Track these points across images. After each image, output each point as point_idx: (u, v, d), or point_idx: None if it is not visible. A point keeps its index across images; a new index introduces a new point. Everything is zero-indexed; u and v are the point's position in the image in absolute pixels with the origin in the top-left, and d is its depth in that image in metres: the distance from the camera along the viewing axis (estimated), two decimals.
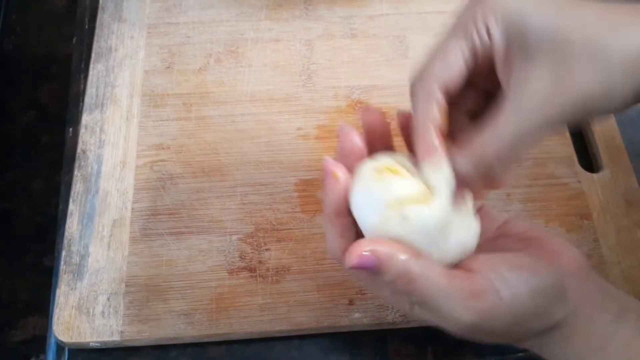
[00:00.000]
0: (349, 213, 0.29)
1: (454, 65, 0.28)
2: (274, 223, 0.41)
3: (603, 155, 0.45)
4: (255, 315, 0.38)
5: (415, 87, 0.29)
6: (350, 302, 0.39)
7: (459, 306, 0.27)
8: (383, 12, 0.51)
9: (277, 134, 0.45)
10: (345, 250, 0.28)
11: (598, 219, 0.42)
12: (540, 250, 0.30)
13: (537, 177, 0.43)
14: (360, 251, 0.27)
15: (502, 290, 0.27)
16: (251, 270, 0.39)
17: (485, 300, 0.27)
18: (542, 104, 0.26)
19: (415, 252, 0.28)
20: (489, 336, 0.29)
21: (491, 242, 0.31)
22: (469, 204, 0.30)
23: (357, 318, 0.38)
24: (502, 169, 0.28)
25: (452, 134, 0.30)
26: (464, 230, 0.29)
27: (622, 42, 0.26)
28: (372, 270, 0.27)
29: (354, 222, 0.29)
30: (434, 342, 0.39)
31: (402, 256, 0.27)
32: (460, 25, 0.29)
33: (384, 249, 0.27)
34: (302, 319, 0.38)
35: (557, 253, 0.29)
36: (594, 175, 0.44)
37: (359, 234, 0.30)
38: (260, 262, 0.40)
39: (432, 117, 0.28)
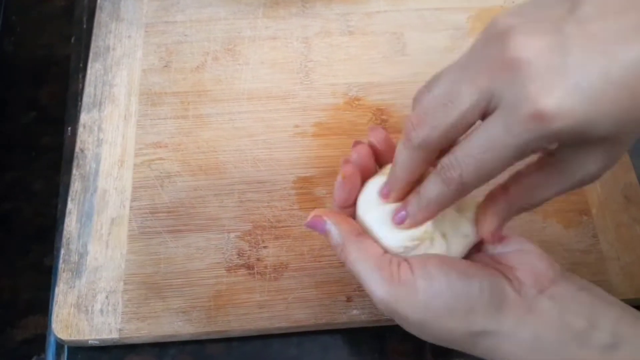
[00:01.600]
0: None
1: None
2: (271, 220, 0.41)
3: None
4: (253, 312, 0.38)
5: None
6: (348, 299, 0.39)
7: (376, 283, 0.30)
8: (380, 9, 0.51)
9: (274, 131, 0.45)
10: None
11: (597, 215, 0.42)
12: (503, 266, 0.31)
13: None
14: (315, 213, 0.32)
15: (421, 285, 0.29)
16: (249, 267, 0.40)
17: (399, 287, 0.29)
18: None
19: (360, 231, 0.32)
20: (405, 322, 0.30)
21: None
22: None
23: (356, 315, 0.38)
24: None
25: None
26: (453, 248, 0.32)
27: None
28: (321, 232, 0.32)
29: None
30: None
31: (343, 228, 0.31)
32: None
33: (331, 218, 0.32)
34: (301, 316, 0.38)
35: (515, 267, 0.30)
36: None
37: None
38: (258, 259, 0.40)
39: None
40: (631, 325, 0.28)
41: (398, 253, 0.31)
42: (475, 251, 0.33)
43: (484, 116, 0.26)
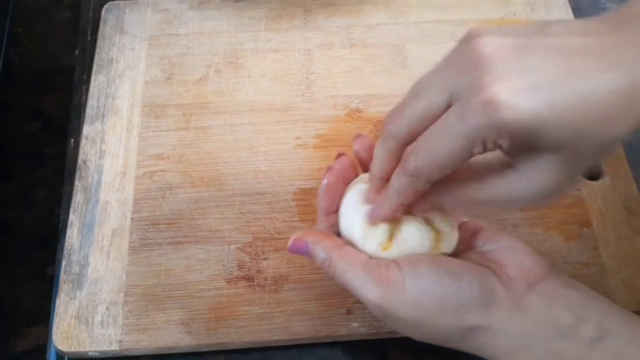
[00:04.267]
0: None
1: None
2: (272, 232, 0.41)
3: (603, 163, 0.44)
4: (253, 324, 0.38)
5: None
6: (349, 312, 0.39)
7: (368, 290, 0.30)
8: (381, 21, 0.51)
9: (275, 143, 0.45)
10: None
11: (598, 227, 0.42)
12: (492, 263, 0.31)
13: None
14: (295, 236, 0.33)
15: (410, 284, 0.30)
16: (249, 279, 0.40)
17: (389, 289, 0.30)
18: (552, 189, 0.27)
19: (340, 243, 0.32)
20: (399, 325, 0.31)
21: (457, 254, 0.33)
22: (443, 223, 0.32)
23: (355, 327, 0.38)
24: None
25: None
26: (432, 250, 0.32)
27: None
28: (303, 253, 0.33)
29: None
30: (433, 352, 0.39)
31: (325, 244, 0.32)
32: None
33: (311, 237, 0.33)
34: (300, 329, 0.38)
35: (504, 264, 0.31)
36: (594, 182, 0.44)
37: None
38: (258, 271, 0.40)
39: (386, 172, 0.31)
40: (617, 319, 0.29)
41: (378, 257, 0.32)
42: (464, 249, 0.33)
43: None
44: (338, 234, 0.34)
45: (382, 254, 0.32)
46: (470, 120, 0.25)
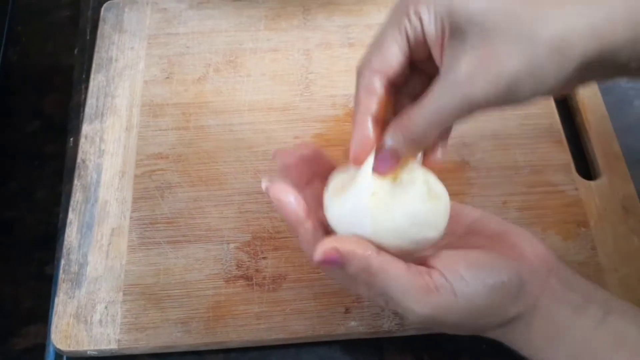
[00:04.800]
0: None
1: (391, 56, 0.30)
2: (271, 231, 0.41)
3: (600, 162, 0.45)
4: (251, 323, 0.38)
5: (357, 80, 0.31)
6: (347, 311, 0.39)
7: (415, 300, 0.29)
8: (380, 21, 0.50)
9: (274, 142, 0.45)
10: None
11: (595, 226, 0.42)
12: (505, 247, 0.31)
13: (534, 185, 0.43)
14: (325, 248, 0.29)
15: (458, 288, 0.29)
16: (248, 278, 0.40)
17: (440, 296, 0.29)
18: (465, 84, 0.27)
19: (377, 248, 0.30)
20: (446, 327, 0.31)
21: (460, 239, 0.33)
22: (432, 186, 0.31)
23: (354, 326, 0.38)
24: (426, 142, 0.30)
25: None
26: (430, 212, 0.31)
27: (547, 24, 0.26)
28: (337, 265, 0.30)
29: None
30: (431, 351, 0.39)
31: (363, 252, 0.29)
32: (395, 16, 0.30)
33: (345, 246, 0.29)
34: (299, 328, 0.38)
35: (520, 249, 0.31)
36: (592, 182, 0.44)
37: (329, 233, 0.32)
38: (257, 270, 0.40)
39: (369, 109, 0.31)
40: (618, 302, 0.31)
41: (425, 246, 0.31)
42: (468, 233, 0.34)
43: None
44: (327, 231, 0.32)
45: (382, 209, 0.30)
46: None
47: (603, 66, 0.28)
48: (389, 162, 0.30)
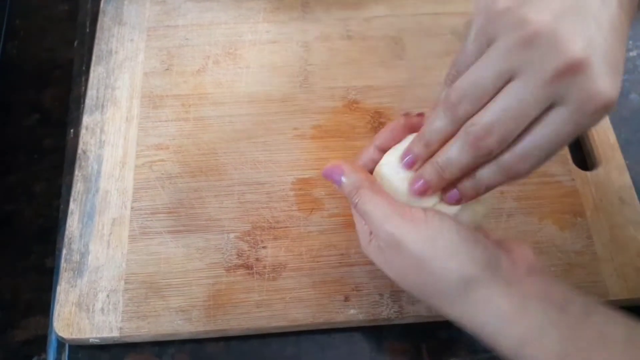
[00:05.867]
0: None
1: None
2: (270, 221, 0.42)
3: (597, 153, 0.45)
4: (252, 311, 0.39)
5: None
6: (346, 299, 0.39)
7: (388, 219, 0.32)
8: (379, 14, 0.51)
9: (274, 134, 0.45)
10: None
11: (592, 216, 0.42)
12: (500, 245, 0.33)
13: (531, 176, 0.44)
14: (333, 163, 0.35)
15: (431, 221, 0.31)
16: (248, 267, 0.40)
17: (410, 221, 0.31)
18: None
19: (375, 181, 0.34)
20: (406, 269, 0.32)
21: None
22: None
23: (353, 314, 0.39)
24: None
25: None
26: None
27: None
28: (337, 180, 0.34)
29: None
30: (429, 339, 0.39)
31: (358, 175, 0.34)
32: None
33: (347, 166, 0.34)
34: (299, 315, 0.39)
35: (511, 249, 0.32)
36: (588, 173, 0.44)
37: None
38: (257, 259, 0.40)
39: None
40: (598, 304, 0.31)
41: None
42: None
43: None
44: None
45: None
46: (552, 81, 0.27)
47: None
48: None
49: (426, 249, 0.31)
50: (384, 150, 0.35)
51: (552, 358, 0.29)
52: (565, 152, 0.45)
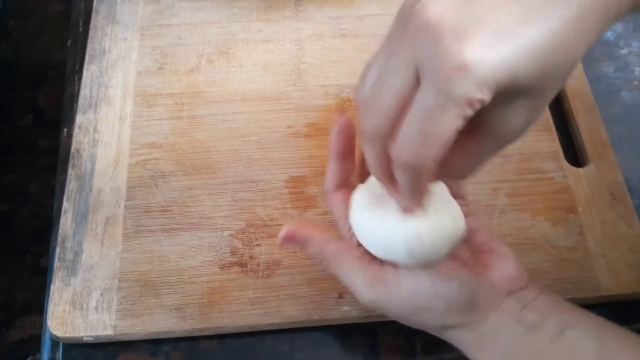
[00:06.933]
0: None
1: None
2: (264, 219, 0.42)
3: (588, 150, 0.45)
4: (246, 309, 0.39)
5: None
6: (340, 296, 0.39)
7: (363, 285, 0.32)
8: (372, 12, 0.51)
9: (267, 132, 0.45)
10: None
11: (584, 212, 0.43)
12: (478, 265, 0.33)
13: (523, 172, 0.44)
14: (287, 231, 0.34)
15: (405, 282, 0.32)
16: (242, 265, 0.40)
17: (385, 287, 0.32)
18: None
19: (335, 237, 0.34)
20: (391, 315, 0.33)
21: None
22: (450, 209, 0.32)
23: (347, 311, 0.39)
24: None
25: None
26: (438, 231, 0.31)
27: None
28: (297, 245, 0.34)
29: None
30: (422, 335, 0.39)
31: (318, 239, 0.34)
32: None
33: (302, 233, 0.34)
34: (293, 313, 0.39)
35: (491, 270, 0.33)
36: (580, 169, 0.45)
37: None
38: (251, 257, 0.40)
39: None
40: (577, 317, 0.32)
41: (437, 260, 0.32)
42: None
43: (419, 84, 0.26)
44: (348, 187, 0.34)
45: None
46: (453, 91, 0.24)
47: None
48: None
49: (406, 310, 0.32)
50: (345, 156, 0.34)
51: None
52: (557, 148, 0.45)
